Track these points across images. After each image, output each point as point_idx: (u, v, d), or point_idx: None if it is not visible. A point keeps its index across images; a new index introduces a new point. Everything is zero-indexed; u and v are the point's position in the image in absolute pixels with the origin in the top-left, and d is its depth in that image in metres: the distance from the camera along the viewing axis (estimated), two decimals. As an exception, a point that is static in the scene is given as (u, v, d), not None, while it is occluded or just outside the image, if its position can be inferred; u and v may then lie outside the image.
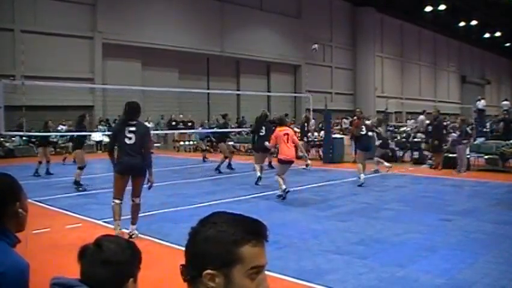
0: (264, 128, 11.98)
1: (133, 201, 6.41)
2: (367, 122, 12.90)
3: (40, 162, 13.15)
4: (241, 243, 1.14)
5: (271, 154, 13.80)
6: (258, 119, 12.73)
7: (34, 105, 18.59)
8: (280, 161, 9.31)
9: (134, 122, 6.32)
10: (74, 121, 15.98)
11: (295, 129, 16.96)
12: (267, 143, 10.63)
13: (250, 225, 1.18)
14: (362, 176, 10.95)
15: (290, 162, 9.30)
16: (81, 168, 10.88)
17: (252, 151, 14.62)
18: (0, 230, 1.70)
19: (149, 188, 6.43)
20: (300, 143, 11.84)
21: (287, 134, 9.20)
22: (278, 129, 9.40)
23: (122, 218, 6.31)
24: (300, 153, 11.59)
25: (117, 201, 6.38)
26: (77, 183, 10.69)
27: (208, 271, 1.13)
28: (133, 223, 6.38)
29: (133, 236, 6.10)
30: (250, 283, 1.14)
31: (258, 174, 11.10)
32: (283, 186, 9.02)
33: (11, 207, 1.75)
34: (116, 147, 6.53)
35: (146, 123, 20.85)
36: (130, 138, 6.20)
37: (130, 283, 1.52)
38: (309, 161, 12.06)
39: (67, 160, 15.56)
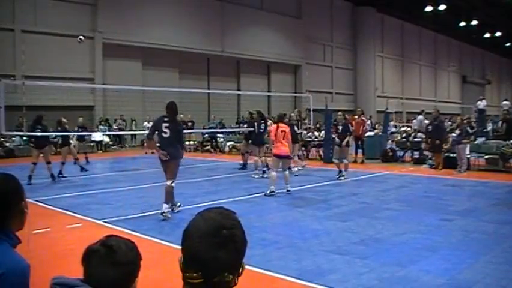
0: (262, 125, 13.20)
1: (166, 183, 7.56)
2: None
3: (63, 163, 12.89)
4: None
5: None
6: (256, 118, 13.65)
7: (34, 105, 18.57)
8: (275, 156, 9.88)
9: (169, 119, 7.60)
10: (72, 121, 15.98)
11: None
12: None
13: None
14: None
15: (283, 157, 9.81)
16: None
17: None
18: (3, 232, 1.70)
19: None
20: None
21: (284, 132, 9.75)
22: (275, 125, 10.06)
23: (121, 218, 6.31)
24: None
25: (169, 182, 7.62)
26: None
27: (231, 276, 1.23)
28: (166, 202, 7.48)
29: (163, 214, 7.29)
30: None
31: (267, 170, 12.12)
32: (272, 188, 9.55)
33: (17, 207, 1.76)
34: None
35: (146, 123, 20.96)
36: (166, 133, 7.53)
37: (135, 282, 1.54)
38: (299, 166, 12.58)
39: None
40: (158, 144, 7.88)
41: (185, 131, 21.52)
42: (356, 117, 17.10)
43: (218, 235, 1.22)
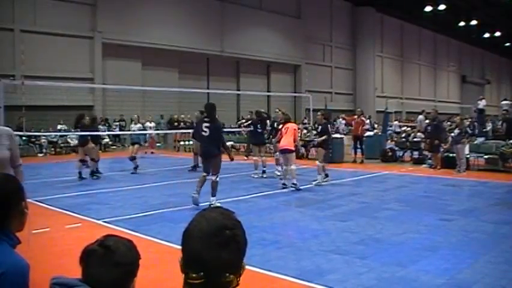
0: (259, 124, 13.34)
1: (210, 178, 8.30)
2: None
3: (96, 160, 12.72)
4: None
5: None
6: (254, 117, 13.77)
7: (34, 105, 18.58)
8: (279, 151, 10.94)
9: (209, 120, 8.30)
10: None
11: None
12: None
13: None
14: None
15: (283, 150, 10.59)
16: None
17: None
18: (3, 232, 1.71)
19: (232, 160, 9.01)
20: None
21: (287, 128, 10.69)
22: (282, 125, 11.04)
23: (121, 218, 6.31)
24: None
25: (204, 174, 8.42)
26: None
27: (234, 276, 1.23)
28: (213, 195, 8.30)
29: (212, 205, 7.79)
30: None
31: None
32: (282, 180, 10.66)
33: (17, 207, 1.76)
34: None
35: (148, 123, 20.97)
36: (205, 132, 8.20)
37: (134, 282, 1.55)
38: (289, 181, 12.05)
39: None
40: (199, 143, 8.92)
41: (185, 130, 21.65)
42: (356, 117, 17.11)
43: (220, 235, 1.21)
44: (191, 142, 23.39)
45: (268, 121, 14.22)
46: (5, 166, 3.67)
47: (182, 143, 23.21)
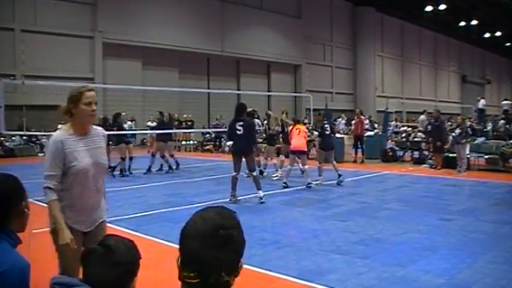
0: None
1: (251, 175, 8.91)
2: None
3: (123, 159, 13.02)
4: None
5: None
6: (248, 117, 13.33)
7: (34, 104, 18.59)
8: (291, 152, 11.00)
9: (243, 119, 8.91)
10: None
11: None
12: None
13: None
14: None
15: (297, 152, 10.87)
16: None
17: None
18: (4, 231, 1.71)
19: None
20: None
21: (299, 129, 10.95)
22: (293, 126, 11.27)
23: (121, 217, 6.31)
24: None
25: (234, 173, 8.77)
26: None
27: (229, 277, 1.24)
28: (258, 189, 8.74)
29: (262, 199, 8.60)
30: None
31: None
32: (284, 180, 10.76)
33: (17, 207, 1.76)
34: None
35: (149, 123, 20.93)
36: (239, 130, 8.72)
37: (134, 281, 1.55)
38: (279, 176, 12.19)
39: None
40: (231, 142, 9.42)
41: (186, 130, 21.64)
42: (356, 117, 17.12)
43: (216, 235, 1.22)
44: (190, 142, 23.51)
45: (258, 121, 14.09)
46: (102, 175, 3.26)
47: (184, 142, 23.23)
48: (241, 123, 8.82)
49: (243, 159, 8.84)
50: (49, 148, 3.01)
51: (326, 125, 11.68)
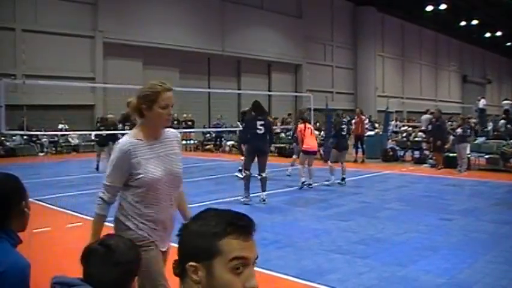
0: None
1: (261, 175, 8.64)
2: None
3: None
4: (221, 235, 1.16)
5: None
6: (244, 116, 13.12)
7: (35, 104, 18.60)
8: (304, 152, 10.74)
9: (263, 117, 8.75)
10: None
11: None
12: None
13: (231, 218, 1.19)
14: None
15: (311, 153, 10.76)
16: None
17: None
18: (4, 231, 1.71)
19: None
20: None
21: (310, 129, 10.84)
22: (303, 125, 10.89)
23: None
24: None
25: (248, 172, 8.63)
26: None
27: (191, 263, 1.16)
28: (263, 190, 8.68)
29: (265, 200, 8.58)
30: (233, 277, 1.15)
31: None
32: (302, 179, 10.53)
33: (17, 207, 1.76)
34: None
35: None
36: (260, 129, 8.51)
37: (134, 281, 1.55)
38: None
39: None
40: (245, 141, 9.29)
41: (186, 130, 21.66)
42: (356, 117, 17.12)
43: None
44: (191, 141, 23.51)
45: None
46: (178, 186, 2.87)
47: (184, 142, 23.24)
48: (263, 122, 8.62)
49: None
50: (114, 155, 2.59)
51: (343, 126, 11.65)
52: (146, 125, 2.61)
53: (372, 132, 19.30)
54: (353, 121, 17.42)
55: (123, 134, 10.50)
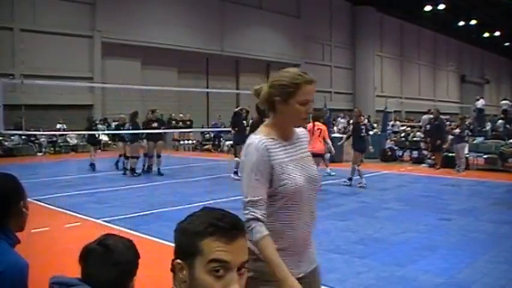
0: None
1: None
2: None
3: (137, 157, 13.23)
4: (202, 235, 1.14)
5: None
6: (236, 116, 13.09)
7: (33, 104, 18.58)
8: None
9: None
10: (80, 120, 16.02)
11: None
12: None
13: (215, 218, 1.16)
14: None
15: (315, 154, 9.65)
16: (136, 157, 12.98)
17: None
18: (3, 231, 1.70)
19: None
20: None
21: (320, 130, 10.10)
22: (312, 124, 10.12)
23: (120, 217, 6.31)
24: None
25: None
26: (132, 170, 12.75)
27: (178, 261, 1.16)
28: None
29: None
30: (212, 280, 1.12)
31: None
32: None
33: (15, 207, 1.76)
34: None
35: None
36: None
37: (133, 281, 1.55)
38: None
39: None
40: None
41: (185, 130, 21.66)
42: (354, 117, 17.09)
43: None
44: (189, 142, 23.50)
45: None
46: (316, 195, 2.27)
47: (182, 142, 23.24)
48: None
49: None
50: (249, 158, 2.03)
51: (362, 127, 11.40)
52: (279, 122, 2.14)
53: (370, 132, 19.29)
54: (351, 121, 17.40)
55: (132, 134, 10.58)
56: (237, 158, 12.18)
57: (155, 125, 13.29)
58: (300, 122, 2.18)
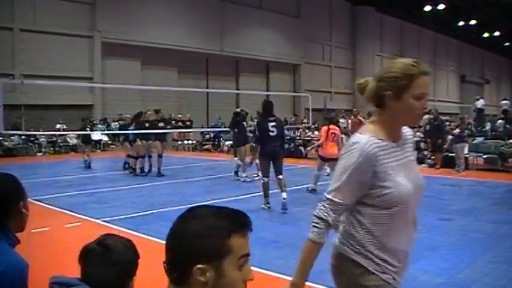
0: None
1: (278, 178, 8.05)
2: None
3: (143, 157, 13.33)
4: (231, 235, 1.16)
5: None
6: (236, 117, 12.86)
7: (33, 104, 18.58)
8: (321, 157, 9.91)
9: (275, 118, 8.07)
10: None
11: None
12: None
13: (235, 216, 1.21)
14: None
15: (329, 159, 9.66)
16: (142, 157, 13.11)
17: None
18: (3, 231, 1.70)
19: None
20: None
21: (334, 134, 9.75)
22: (326, 127, 9.88)
23: (120, 217, 6.31)
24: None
25: (266, 179, 8.07)
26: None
27: (199, 266, 1.13)
28: (283, 191, 8.04)
29: (285, 200, 7.98)
30: (238, 274, 1.18)
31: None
32: (314, 186, 9.98)
33: (15, 207, 1.76)
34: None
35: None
36: (272, 131, 7.89)
37: (133, 281, 1.55)
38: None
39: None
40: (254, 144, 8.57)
41: (184, 130, 21.67)
42: (353, 117, 17.13)
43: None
44: (189, 142, 23.48)
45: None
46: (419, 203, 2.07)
47: (180, 142, 23.22)
48: (274, 123, 7.97)
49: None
50: (350, 158, 1.83)
51: None
52: (388, 120, 1.89)
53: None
54: (349, 121, 17.42)
55: (135, 134, 10.47)
56: (236, 159, 12.15)
57: (161, 124, 13.31)
58: (415, 119, 1.94)
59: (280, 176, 8.07)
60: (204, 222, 1.16)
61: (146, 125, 13.28)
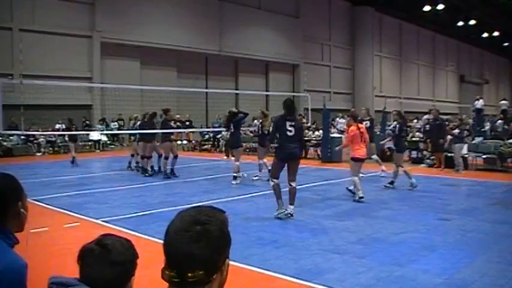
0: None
1: (290, 185, 7.49)
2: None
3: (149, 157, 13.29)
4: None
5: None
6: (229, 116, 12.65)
7: (32, 104, 18.54)
8: (355, 159, 9.21)
9: (293, 118, 7.65)
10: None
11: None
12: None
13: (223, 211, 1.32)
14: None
15: (363, 160, 9.35)
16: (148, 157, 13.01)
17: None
18: (1, 230, 1.70)
19: None
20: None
21: (363, 133, 9.26)
22: (355, 126, 9.29)
23: (119, 217, 6.30)
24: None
25: (276, 180, 7.48)
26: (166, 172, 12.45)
27: (228, 260, 1.24)
28: (291, 204, 7.46)
29: (291, 214, 7.34)
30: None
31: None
32: (360, 193, 8.91)
33: (13, 207, 1.75)
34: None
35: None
36: (290, 131, 7.42)
37: (132, 281, 1.54)
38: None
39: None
40: (276, 145, 7.88)
41: (184, 130, 21.67)
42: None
43: (190, 230, 1.19)
44: (185, 142, 23.46)
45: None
46: None
47: (179, 142, 23.18)
48: (293, 122, 7.47)
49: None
50: None
51: (405, 128, 11.01)
52: None
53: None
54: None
55: (141, 134, 10.43)
56: (236, 162, 12.03)
57: (173, 125, 13.40)
58: None
59: (293, 184, 7.49)
60: (215, 219, 1.23)
61: (172, 124, 13.27)
